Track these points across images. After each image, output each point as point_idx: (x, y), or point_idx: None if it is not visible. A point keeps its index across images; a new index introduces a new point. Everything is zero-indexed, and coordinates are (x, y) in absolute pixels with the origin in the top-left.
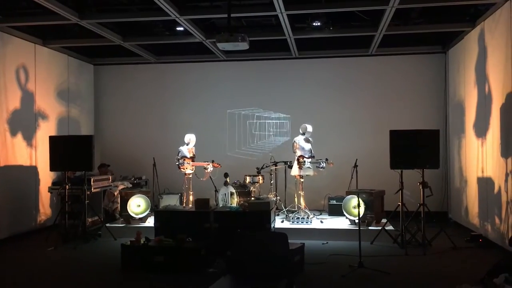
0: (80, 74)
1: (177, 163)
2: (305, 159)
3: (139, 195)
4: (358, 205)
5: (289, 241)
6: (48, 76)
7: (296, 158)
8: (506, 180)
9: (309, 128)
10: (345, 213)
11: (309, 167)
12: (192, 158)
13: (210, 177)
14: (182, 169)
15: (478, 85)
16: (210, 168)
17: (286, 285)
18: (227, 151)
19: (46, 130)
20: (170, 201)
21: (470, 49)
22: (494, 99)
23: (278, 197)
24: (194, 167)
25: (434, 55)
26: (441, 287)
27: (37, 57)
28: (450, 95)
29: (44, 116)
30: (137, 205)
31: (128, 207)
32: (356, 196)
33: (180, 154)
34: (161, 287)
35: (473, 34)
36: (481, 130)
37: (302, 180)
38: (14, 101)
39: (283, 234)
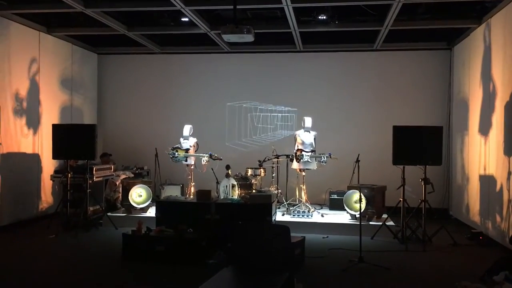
0: (84, 63)
1: (167, 152)
2: (303, 153)
3: (141, 185)
4: (360, 200)
5: None
6: (52, 64)
7: (294, 151)
8: (508, 178)
9: (307, 121)
10: (346, 207)
11: (309, 161)
12: (187, 150)
13: (212, 169)
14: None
15: (483, 83)
16: (204, 160)
17: (287, 278)
18: (228, 143)
19: (49, 118)
20: (171, 191)
21: (475, 46)
22: (499, 97)
23: (279, 190)
24: (193, 158)
25: (439, 52)
26: (441, 283)
27: (41, 45)
28: (454, 92)
29: (47, 104)
30: (138, 194)
31: (129, 197)
32: (357, 191)
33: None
34: (162, 278)
35: (479, 31)
36: (485, 127)
37: (303, 174)
38: (18, 88)
39: (285, 227)
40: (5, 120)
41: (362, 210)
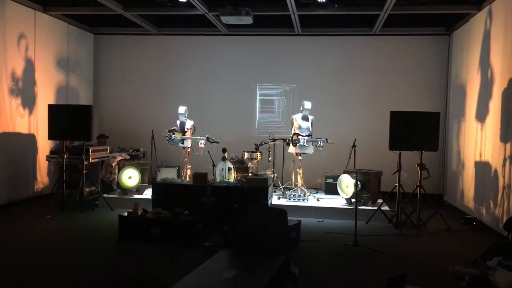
0: (80, 43)
1: (164, 135)
2: (299, 137)
3: (131, 167)
4: (356, 184)
5: None
6: (48, 44)
7: (291, 135)
8: (503, 165)
9: (307, 105)
10: (339, 190)
11: (305, 145)
12: (184, 132)
13: (208, 151)
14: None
15: (481, 69)
16: (201, 143)
17: (283, 261)
18: (225, 126)
19: (45, 99)
20: (168, 174)
21: (474, 32)
22: (496, 84)
23: (275, 174)
24: (190, 141)
25: (438, 37)
26: (435, 268)
27: (37, 24)
28: (452, 78)
29: (43, 84)
30: (128, 177)
31: (120, 179)
32: (349, 175)
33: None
34: (158, 259)
35: (479, 17)
36: (482, 114)
37: (300, 158)
38: (14, 68)
39: (283, 210)
40: (0, 100)
41: (351, 195)
